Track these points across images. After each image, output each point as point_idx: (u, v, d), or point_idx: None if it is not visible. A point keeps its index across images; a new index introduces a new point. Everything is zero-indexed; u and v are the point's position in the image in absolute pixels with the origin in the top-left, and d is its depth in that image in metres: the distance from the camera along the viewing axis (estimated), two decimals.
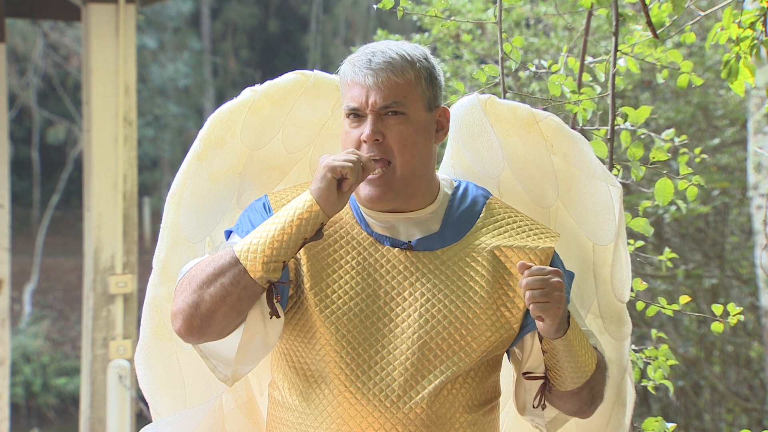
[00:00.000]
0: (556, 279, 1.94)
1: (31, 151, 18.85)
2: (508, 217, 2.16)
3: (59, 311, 16.92)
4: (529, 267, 1.95)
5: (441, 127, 2.14)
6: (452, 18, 3.21)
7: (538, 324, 1.97)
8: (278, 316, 2.02)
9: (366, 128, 2.05)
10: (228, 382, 2.11)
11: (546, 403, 2.11)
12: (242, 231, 2.12)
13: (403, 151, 2.06)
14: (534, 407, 2.12)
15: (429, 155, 2.11)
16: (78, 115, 17.38)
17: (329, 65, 20.57)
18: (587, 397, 2.11)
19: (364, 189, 2.07)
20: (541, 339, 2.03)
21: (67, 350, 15.92)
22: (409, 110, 2.06)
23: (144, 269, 2.36)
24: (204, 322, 2.00)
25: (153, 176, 20.26)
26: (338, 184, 1.98)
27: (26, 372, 15.07)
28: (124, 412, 6.35)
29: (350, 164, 1.96)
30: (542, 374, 2.10)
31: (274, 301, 2.01)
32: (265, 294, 2.01)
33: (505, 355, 2.21)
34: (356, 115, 2.06)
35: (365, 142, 2.04)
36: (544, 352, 2.05)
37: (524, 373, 2.12)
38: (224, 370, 2.09)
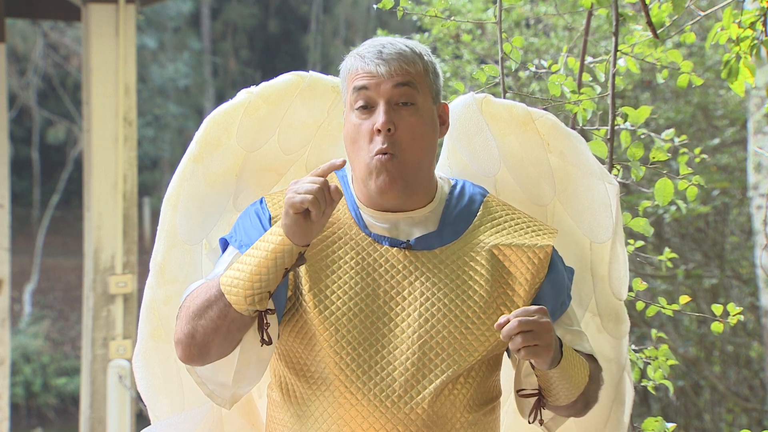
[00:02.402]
0: (545, 320, 1.91)
1: (31, 151, 18.85)
2: (506, 215, 2.16)
3: (59, 311, 16.92)
4: (506, 322, 1.89)
5: (443, 122, 2.15)
6: (452, 18, 3.21)
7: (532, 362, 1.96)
8: (269, 343, 2.01)
9: (379, 116, 2.04)
10: (226, 406, 2.11)
11: (542, 418, 2.11)
12: (235, 240, 2.12)
13: (412, 143, 2.05)
14: (530, 423, 2.12)
15: (434, 149, 2.12)
16: (78, 115, 17.38)
17: (329, 65, 20.56)
18: (581, 406, 2.12)
19: (375, 181, 2.05)
20: (533, 365, 2.02)
21: (67, 350, 15.91)
22: (419, 101, 2.07)
23: (144, 269, 2.36)
24: (202, 350, 2.02)
25: (153, 176, 20.26)
26: (307, 213, 1.93)
27: (26, 372, 15.06)
28: (124, 412, 6.35)
29: (310, 197, 1.91)
30: (535, 391, 2.09)
31: (265, 328, 2.01)
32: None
33: (505, 354, 2.21)
34: (365, 107, 2.06)
35: (379, 131, 2.03)
36: (536, 375, 2.05)
37: (518, 391, 2.12)
38: (222, 393, 2.10)
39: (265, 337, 2.00)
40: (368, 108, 2.06)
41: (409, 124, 2.05)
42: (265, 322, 2.00)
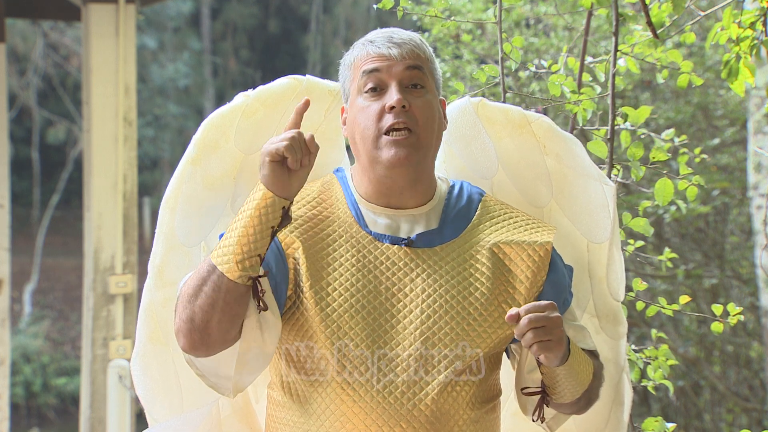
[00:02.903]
0: (555, 314, 1.93)
1: (31, 151, 18.85)
2: (504, 213, 2.17)
3: (59, 311, 16.92)
4: (518, 314, 1.91)
5: (443, 115, 2.16)
6: (452, 18, 3.21)
7: (540, 358, 1.95)
8: (266, 309, 2.01)
9: (393, 95, 2.05)
10: (230, 395, 2.11)
11: (544, 415, 2.12)
12: None
13: (426, 122, 2.08)
14: (533, 421, 2.12)
15: (439, 140, 2.14)
16: (78, 115, 17.38)
17: (329, 65, 20.56)
18: (584, 403, 2.13)
19: (386, 152, 2.06)
20: (539, 363, 2.03)
21: (67, 350, 15.91)
22: (428, 85, 2.10)
23: (144, 269, 2.37)
24: (202, 334, 2.00)
25: (153, 176, 20.25)
26: (284, 162, 1.96)
27: (26, 372, 15.06)
28: (124, 412, 6.35)
29: (285, 142, 1.94)
30: (539, 389, 2.10)
31: (260, 295, 2.00)
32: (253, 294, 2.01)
33: (504, 355, 2.21)
34: (374, 89, 2.08)
35: (393, 108, 2.04)
36: (542, 372, 2.05)
37: (522, 389, 2.12)
38: (225, 384, 2.09)
39: (261, 303, 2.00)
40: (378, 90, 2.08)
41: (421, 104, 2.08)
42: (259, 288, 2.00)
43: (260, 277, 2.00)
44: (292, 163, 1.95)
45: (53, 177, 19.18)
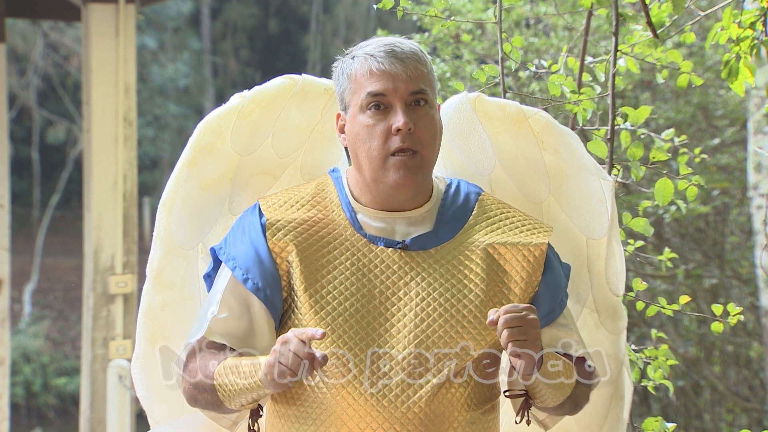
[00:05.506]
0: (532, 316, 1.92)
1: (31, 151, 18.84)
2: (501, 213, 2.16)
3: (59, 311, 16.92)
4: (496, 318, 1.91)
5: (441, 123, 2.15)
6: (452, 18, 3.21)
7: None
8: None
9: (399, 118, 2.04)
10: (232, 428, 2.15)
11: (530, 419, 2.12)
12: (224, 253, 2.12)
13: (430, 141, 2.07)
14: (516, 423, 2.12)
15: (440, 147, 2.13)
16: (78, 115, 17.37)
17: (329, 65, 20.47)
18: (570, 407, 2.12)
19: (392, 174, 2.05)
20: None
21: (67, 350, 15.91)
22: (430, 99, 2.09)
23: (144, 269, 2.37)
24: (203, 408, 2.12)
25: (153, 176, 20.24)
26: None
27: (26, 372, 15.06)
28: (124, 412, 6.35)
29: (288, 372, 1.90)
30: (522, 391, 2.10)
31: (257, 418, 2.09)
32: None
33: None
34: (378, 106, 2.05)
35: (399, 131, 2.03)
36: (521, 379, 2.04)
37: (505, 392, 2.12)
38: (229, 415, 2.13)
39: (256, 427, 2.09)
40: (381, 108, 2.06)
41: (426, 123, 2.06)
42: (259, 413, 2.09)
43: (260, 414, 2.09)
44: (291, 384, 1.93)
45: (53, 177, 19.17)
